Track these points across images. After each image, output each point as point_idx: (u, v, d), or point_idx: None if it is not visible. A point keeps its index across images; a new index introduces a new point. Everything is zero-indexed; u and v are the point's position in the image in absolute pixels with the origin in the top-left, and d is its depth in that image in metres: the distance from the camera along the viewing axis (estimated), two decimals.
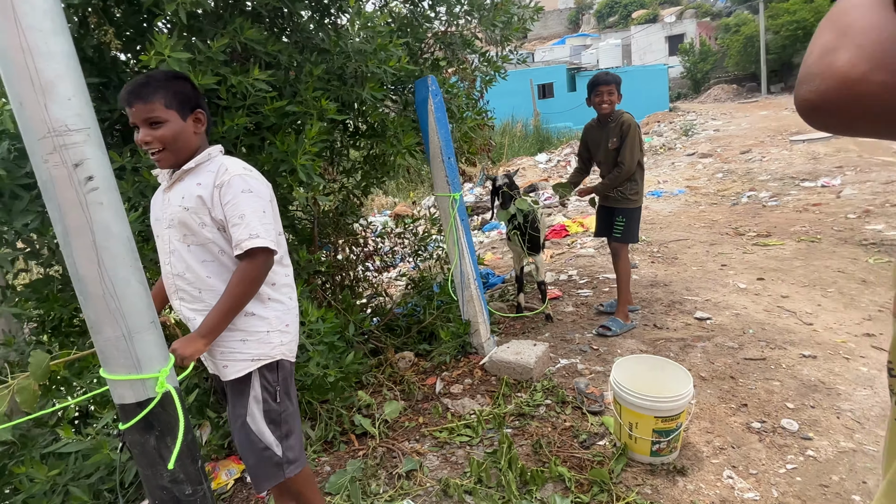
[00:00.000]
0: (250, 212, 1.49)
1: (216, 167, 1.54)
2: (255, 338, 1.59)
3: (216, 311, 1.49)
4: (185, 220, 1.51)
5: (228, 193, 1.49)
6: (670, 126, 16.86)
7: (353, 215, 3.64)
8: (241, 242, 1.48)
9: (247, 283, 1.51)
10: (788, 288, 4.01)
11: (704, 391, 2.69)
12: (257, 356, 1.59)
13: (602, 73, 3.47)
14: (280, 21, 2.90)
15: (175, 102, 1.50)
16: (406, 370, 3.14)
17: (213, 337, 1.50)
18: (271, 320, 1.62)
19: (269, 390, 1.63)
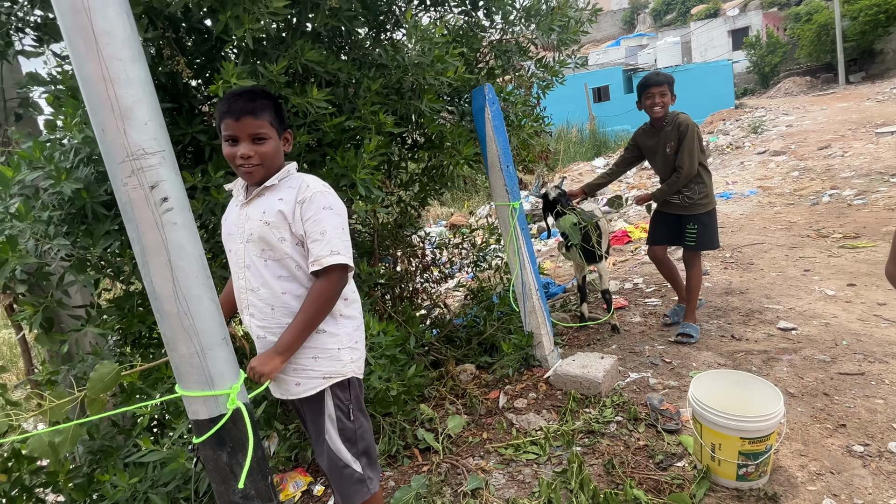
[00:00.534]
0: (331, 228, 1.51)
1: (297, 183, 1.56)
2: (326, 355, 1.59)
3: (293, 329, 1.51)
4: (265, 235, 1.53)
5: (310, 209, 1.51)
6: (737, 124, 15.99)
7: (411, 227, 3.65)
8: (321, 258, 1.49)
9: (323, 300, 1.52)
10: (885, 294, 3.64)
11: (794, 409, 2.47)
12: (329, 374, 1.60)
13: (652, 73, 3.30)
14: (339, 40, 2.96)
15: (277, 121, 1.56)
16: (468, 383, 3.09)
17: (289, 354, 1.52)
18: (342, 337, 1.62)
19: (342, 408, 1.63)
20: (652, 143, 3.34)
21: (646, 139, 3.40)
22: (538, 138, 4.00)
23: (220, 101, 1.58)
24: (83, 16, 0.99)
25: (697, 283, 3.38)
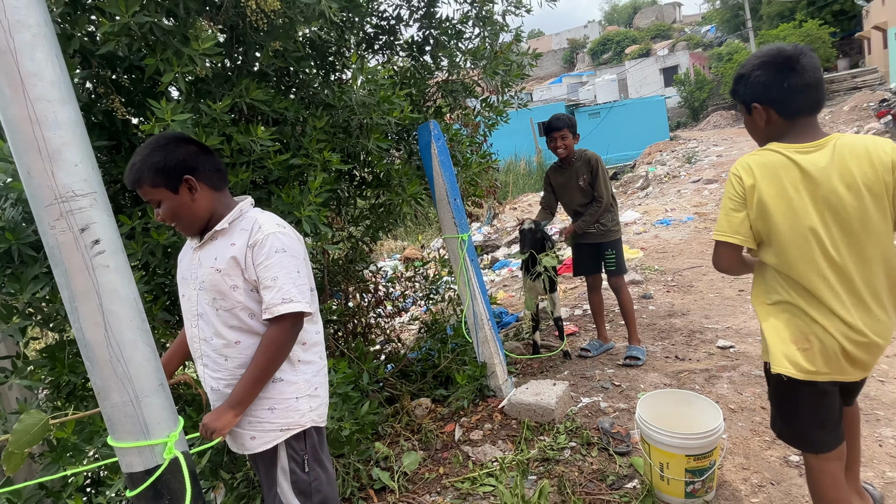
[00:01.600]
0: (283, 273, 1.44)
1: (250, 224, 1.50)
2: (283, 405, 1.51)
3: (245, 381, 1.44)
4: (217, 283, 1.47)
5: (261, 254, 1.44)
6: (672, 154, 16.98)
7: (362, 262, 3.64)
8: (272, 307, 1.43)
9: (275, 349, 1.45)
10: None
11: (735, 424, 2.58)
12: (286, 425, 1.52)
13: (553, 117, 3.46)
14: (287, 79, 2.99)
15: (160, 179, 1.43)
16: (423, 417, 3.05)
17: (243, 408, 1.45)
18: (300, 385, 1.55)
19: (297, 460, 1.55)
20: (563, 179, 3.55)
21: (557, 176, 3.61)
22: (486, 174, 4.13)
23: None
24: (9, 57, 0.98)
25: (630, 304, 3.55)
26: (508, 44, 3.39)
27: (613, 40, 39.40)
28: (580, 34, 45.87)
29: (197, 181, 1.47)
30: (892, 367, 2.92)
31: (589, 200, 3.45)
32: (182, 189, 1.46)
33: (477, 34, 3.39)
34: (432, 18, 3.34)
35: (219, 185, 1.56)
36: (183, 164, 1.46)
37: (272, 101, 2.45)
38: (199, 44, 1.98)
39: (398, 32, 3.40)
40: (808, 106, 1.50)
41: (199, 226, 1.51)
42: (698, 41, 35.45)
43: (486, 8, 3.28)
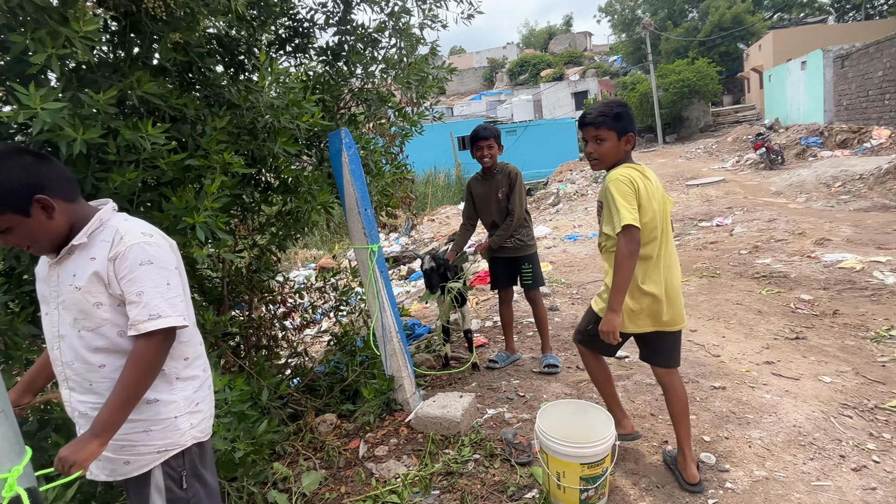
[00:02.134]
0: (150, 287, 1.34)
1: (110, 235, 1.37)
2: (161, 426, 1.40)
3: (111, 405, 1.29)
4: (78, 302, 1.33)
5: (123, 267, 1.33)
6: (581, 174, 17.98)
7: (268, 271, 3.47)
8: (138, 324, 1.32)
9: (143, 368, 1.33)
10: (696, 322, 4.25)
11: None
12: (165, 447, 1.41)
13: (480, 126, 3.53)
14: (189, 76, 2.81)
15: (7, 204, 1.28)
16: (327, 434, 2.95)
17: (109, 436, 1.29)
18: (180, 403, 1.44)
19: (173, 477, 1.44)
20: (483, 190, 3.62)
21: (478, 186, 3.67)
22: (400, 184, 4.11)
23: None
24: None
25: (545, 316, 3.69)
26: (423, 56, 3.42)
27: (530, 62, 41.27)
28: (500, 54, 47.67)
29: (51, 198, 1.32)
30: (761, 374, 3.25)
31: (506, 214, 3.53)
32: (35, 210, 1.31)
33: (393, 45, 3.39)
34: (348, 24, 3.29)
35: (72, 195, 1.40)
36: (29, 181, 1.30)
37: (169, 97, 2.28)
38: (79, 25, 1.79)
39: (312, 36, 3.31)
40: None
41: (58, 243, 1.37)
42: (606, 69, 38.07)
43: (403, 20, 3.29)
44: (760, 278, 5.26)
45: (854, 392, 2.97)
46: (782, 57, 22.93)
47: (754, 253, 6.22)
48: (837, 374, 3.19)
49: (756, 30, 30.68)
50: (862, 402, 2.87)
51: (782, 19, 36.38)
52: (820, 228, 6.87)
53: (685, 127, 27.68)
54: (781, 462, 2.39)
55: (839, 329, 3.90)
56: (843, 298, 4.46)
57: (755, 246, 6.50)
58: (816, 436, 2.57)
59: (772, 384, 3.11)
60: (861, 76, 15.85)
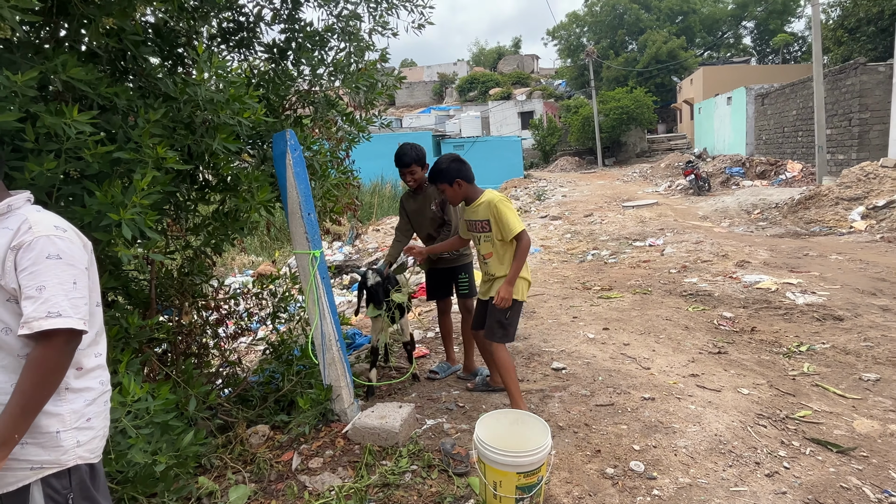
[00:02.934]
0: (54, 283, 1.23)
1: (17, 223, 1.26)
2: (38, 440, 1.27)
3: (7, 416, 1.18)
4: None
5: (27, 258, 1.22)
6: (525, 191, 18.47)
7: (201, 275, 3.30)
8: (32, 321, 1.20)
9: (43, 374, 1.21)
10: (629, 336, 4.43)
11: (563, 440, 2.79)
12: (40, 463, 1.27)
13: (399, 150, 3.59)
14: (122, 64, 2.65)
15: None
16: (259, 446, 2.82)
17: (8, 449, 1.18)
18: (65, 417, 1.31)
19: (57, 500, 1.29)
20: (416, 206, 3.68)
21: (411, 202, 3.74)
22: (346, 189, 4.05)
23: None
24: None
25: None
26: (373, 62, 3.41)
27: (479, 80, 42.13)
28: (450, 70, 48.39)
29: None
30: (687, 386, 3.42)
31: (440, 225, 3.57)
32: None
33: (343, 48, 3.36)
34: (296, 23, 3.23)
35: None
36: None
37: (98, 85, 2.14)
38: None
39: (258, 32, 3.22)
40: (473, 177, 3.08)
41: None
42: (551, 92, 39.51)
43: (352, 24, 3.27)
44: (688, 296, 5.57)
45: (768, 403, 3.18)
46: (711, 91, 24.69)
47: (683, 272, 6.58)
48: (754, 387, 3.41)
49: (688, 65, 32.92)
50: (775, 412, 3.07)
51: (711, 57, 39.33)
52: (741, 251, 7.37)
53: (623, 151, 29.11)
54: (703, 469, 2.52)
55: (756, 345, 4.19)
56: (760, 316, 4.80)
57: (683, 266, 6.88)
58: (735, 444, 2.72)
59: (696, 395, 3.28)
60: (778, 114, 17.32)
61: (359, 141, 3.92)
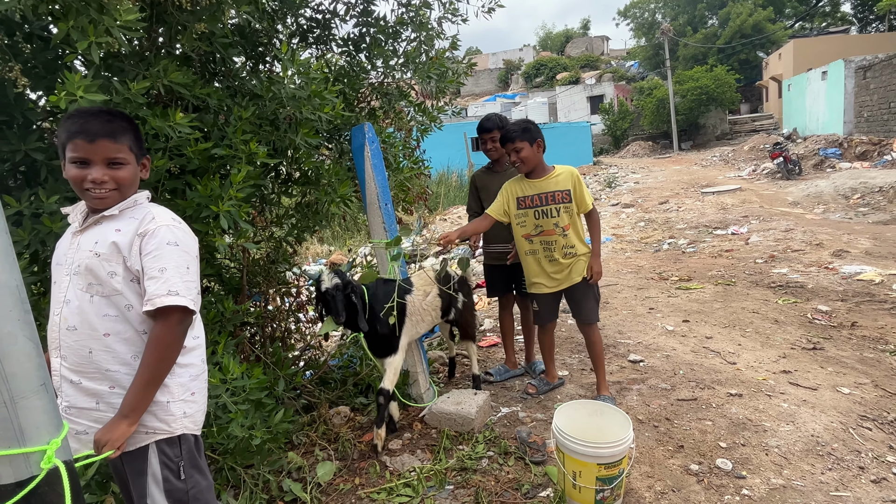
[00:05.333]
0: (173, 266, 1.38)
1: (142, 214, 1.43)
2: (152, 408, 1.41)
3: (135, 386, 1.34)
4: (94, 268, 1.36)
5: (151, 243, 1.38)
6: (595, 178, 17.91)
7: (285, 263, 3.49)
8: (155, 298, 1.34)
9: (163, 348, 1.36)
10: (711, 329, 4.22)
11: (643, 434, 2.71)
12: (153, 429, 1.42)
13: (485, 117, 3.45)
14: (212, 66, 2.84)
15: (136, 146, 1.47)
16: (341, 426, 2.96)
17: (138, 415, 1.35)
18: (173, 389, 1.45)
19: (171, 467, 1.44)
20: (490, 184, 3.38)
21: (484, 179, 3.47)
22: (417, 180, 4.12)
23: (68, 117, 1.39)
24: None
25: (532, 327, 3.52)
26: (443, 50, 3.42)
27: (546, 65, 41.14)
28: (516, 56, 47.55)
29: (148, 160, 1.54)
30: (779, 382, 3.21)
31: None
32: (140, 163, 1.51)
33: (414, 38, 3.40)
34: (369, 16, 3.30)
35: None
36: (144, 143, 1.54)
37: (193, 86, 2.30)
38: (120, 13, 1.81)
39: (333, 28, 3.33)
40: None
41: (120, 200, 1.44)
42: (623, 74, 37.87)
43: (422, 13, 3.30)
44: (777, 288, 5.20)
45: (873, 404, 2.93)
46: (802, 66, 22.68)
47: (770, 262, 6.16)
48: (856, 386, 3.15)
49: (776, 38, 30.38)
50: (881, 414, 2.82)
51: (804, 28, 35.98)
52: (838, 240, 6.78)
53: (701, 134, 27.46)
54: (799, 471, 2.36)
55: (857, 341, 3.85)
56: (861, 311, 4.40)
57: (771, 255, 6.43)
58: (835, 446, 2.53)
59: (789, 393, 3.07)
60: (883, 87, 15.63)
61: (430, 130, 3.96)
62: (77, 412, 1.40)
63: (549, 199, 2.90)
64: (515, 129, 2.86)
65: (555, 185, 2.90)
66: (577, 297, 3.03)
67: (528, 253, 3.00)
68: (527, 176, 2.94)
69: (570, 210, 2.89)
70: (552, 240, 2.91)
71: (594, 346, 3.09)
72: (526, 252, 3.01)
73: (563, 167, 2.96)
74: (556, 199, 2.89)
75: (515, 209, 2.95)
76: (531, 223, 2.93)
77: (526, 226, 2.95)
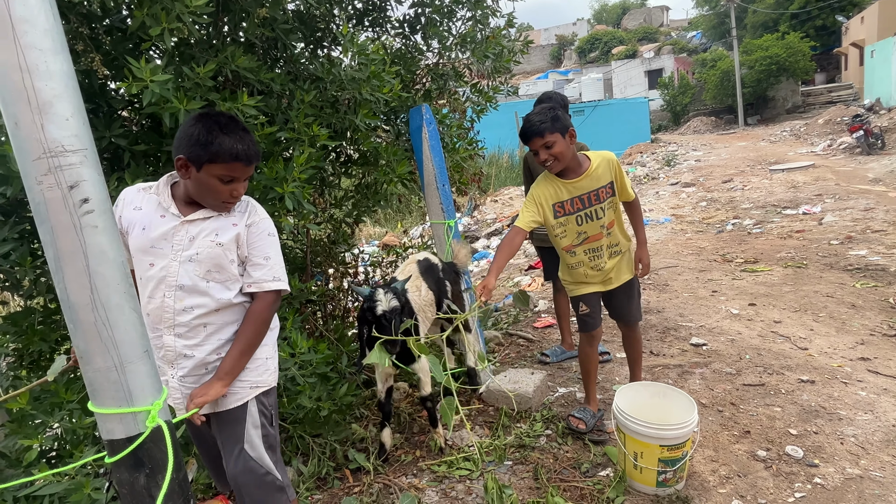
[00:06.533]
0: (275, 254, 1.60)
1: (245, 206, 1.61)
2: (255, 364, 1.62)
3: (233, 353, 1.55)
4: (218, 258, 1.54)
5: (255, 234, 1.58)
6: (653, 157, 17.23)
7: (344, 244, 3.60)
8: (263, 282, 1.57)
9: (261, 323, 1.58)
10: (780, 313, 4.02)
11: (706, 418, 2.65)
12: (256, 383, 1.63)
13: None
14: (274, 52, 2.92)
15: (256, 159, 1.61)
16: (401, 401, 3.05)
17: (231, 378, 1.55)
18: (269, 347, 1.68)
19: (266, 415, 1.66)
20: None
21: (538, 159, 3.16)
22: (472, 161, 4.12)
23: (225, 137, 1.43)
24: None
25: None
26: (500, 28, 3.38)
27: (601, 39, 39.61)
28: (569, 31, 46.00)
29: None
30: (855, 370, 3.04)
31: None
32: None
33: (469, 17, 3.37)
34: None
35: None
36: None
37: (258, 71, 2.39)
38: (190, 0, 1.90)
39: (389, 9, 3.34)
40: None
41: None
42: (684, 46, 35.92)
43: None
44: (854, 271, 4.88)
45: None
46: (889, 30, 20.69)
47: (847, 244, 5.76)
48: None
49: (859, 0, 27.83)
50: None
51: None
52: None
53: (770, 108, 25.76)
54: (878, 462, 2.25)
55: None
56: None
57: (848, 236, 6.01)
58: None
59: (867, 381, 2.90)
60: None
61: (485, 111, 3.93)
62: (193, 380, 1.58)
63: (592, 200, 2.38)
64: (543, 120, 2.24)
65: (596, 182, 2.36)
66: (621, 297, 2.59)
67: (571, 266, 2.52)
68: (559, 175, 2.36)
69: (614, 204, 2.44)
70: (598, 245, 2.44)
71: (637, 345, 2.76)
72: (569, 265, 2.54)
73: (597, 155, 2.42)
74: (601, 197, 2.38)
75: (553, 219, 2.40)
76: (573, 231, 2.42)
77: (567, 236, 2.43)
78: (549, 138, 2.23)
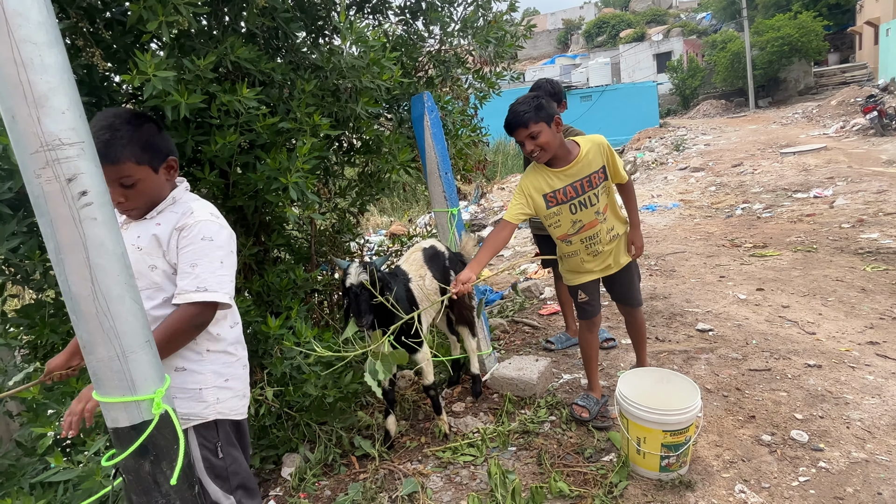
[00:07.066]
0: (205, 262, 1.39)
1: (181, 209, 1.45)
2: (185, 395, 1.46)
3: None
4: (137, 262, 1.38)
5: (186, 238, 1.39)
6: (661, 141, 17.04)
7: (349, 234, 3.61)
8: (184, 293, 1.36)
9: (172, 333, 1.35)
10: (788, 298, 3.99)
11: (711, 403, 2.65)
12: (187, 415, 1.46)
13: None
14: (275, 42, 2.92)
15: (146, 156, 1.39)
16: (406, 388, 3.08)
17: None
18: (206, 376, 1.48)
19: (209, 447, 1.50)
20: None
21: None
22: (475, 148, 4.10)
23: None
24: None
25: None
26: (502, 13, 3.34)
27: (609, 23, 39.00)
28: (576, 15, 45.34)
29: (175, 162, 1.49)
30: (864, 354, 3.02)
31: None
32: (163, 168, 1.45)
33: (471, 1, 3.33)
34: None
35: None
36: (167, 141, 1.47)
37: (258, 62, 2.38)
38: None
39: None
40: None
41: (152, 206, 1.46)
42: (693, 28, 35.30)
43: None
44: (865, 254, 4.82)
45: None
46: None
47: (858, 227, 5.69)
48: None
49: None
50: None
51: None
52: None
53: (781, 90, 25.31)
54: (885, 445, 2.24)
55: None
56: None
57: (860, 220, 5.94)
58: None
59: (875, 365, 2.88)
60: None
61: (488, 97, 3.91)
62: None
63: (585, 187, 2.32)
64: (527, 110, 2.17)
65: (588, 168, 2.30)
66: (622, 280, 2.58)
67: (567, 256, 2.51)
68: (549, 165, 2.31)
69: (608, 188, 2.39)
70: (594, 232, 2.40)
71: (641, 328, 2.75)
72: (565, 255, 2.52)
73: (587, 140, 2.35)
74: (594, 182, 2.32)
75: (545, 209, 2.35)
76: (567, 220, 2.37)
77: (561, 225, 2.39)
78: (533, 128, 2.18)
